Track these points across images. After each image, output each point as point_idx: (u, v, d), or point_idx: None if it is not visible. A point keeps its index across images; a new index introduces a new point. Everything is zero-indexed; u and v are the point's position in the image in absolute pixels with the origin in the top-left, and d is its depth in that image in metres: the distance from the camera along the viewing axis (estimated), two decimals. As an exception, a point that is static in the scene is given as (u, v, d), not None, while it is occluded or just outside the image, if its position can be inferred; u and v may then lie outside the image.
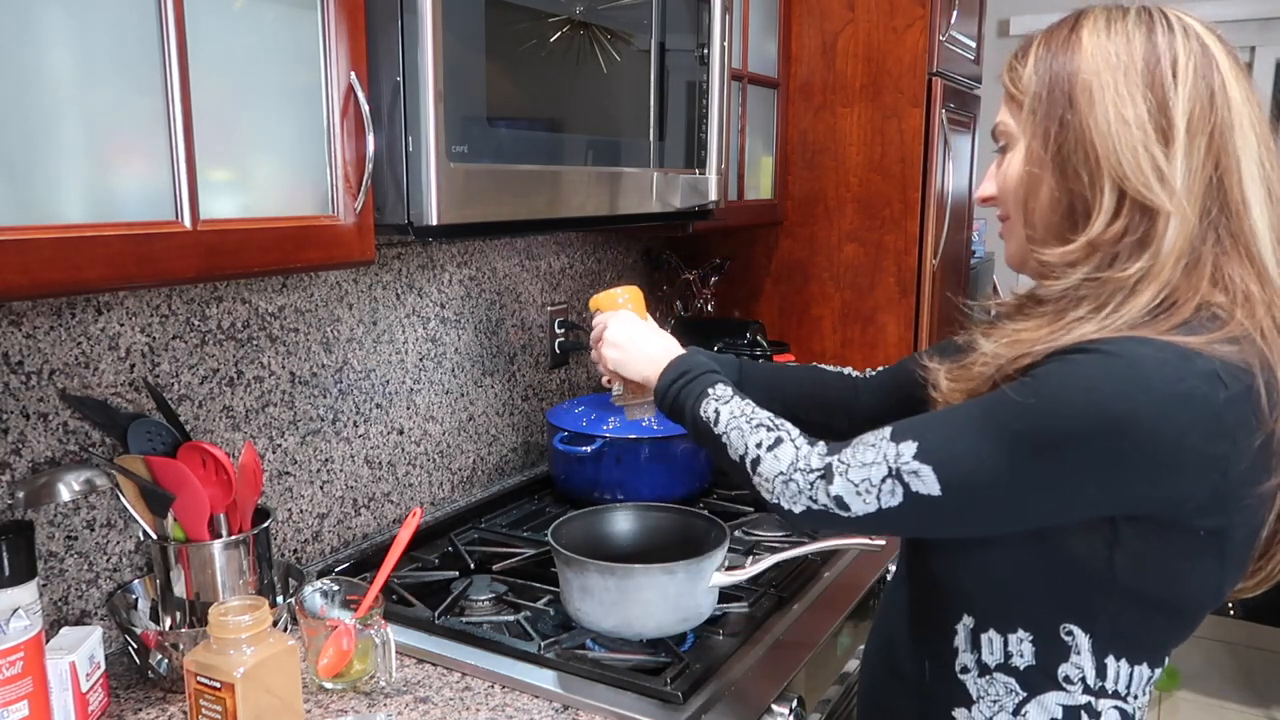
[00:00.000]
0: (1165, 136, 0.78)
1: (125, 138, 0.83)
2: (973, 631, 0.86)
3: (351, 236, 1.04)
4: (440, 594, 1.29)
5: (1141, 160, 0.77)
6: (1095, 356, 0.74)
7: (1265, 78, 3.22)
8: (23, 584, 0.91)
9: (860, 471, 0.82)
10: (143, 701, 1.06)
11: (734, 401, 0.97)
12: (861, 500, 0.82)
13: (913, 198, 2.05)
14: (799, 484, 0.86)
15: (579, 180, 1.27)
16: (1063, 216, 0.83)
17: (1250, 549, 0.81)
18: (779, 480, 0.88)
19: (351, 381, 1.47)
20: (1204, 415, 0.71)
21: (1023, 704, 0.85)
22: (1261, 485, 0.76)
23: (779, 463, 0.88)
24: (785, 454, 0.88)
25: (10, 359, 1.04)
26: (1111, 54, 0.80)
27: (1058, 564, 0.80)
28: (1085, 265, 0.80)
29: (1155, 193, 0.77)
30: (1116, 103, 0.79)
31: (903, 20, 2.00)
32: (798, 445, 0.89)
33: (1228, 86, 0.79)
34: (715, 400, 0.97)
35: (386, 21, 1.02)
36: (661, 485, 1.59)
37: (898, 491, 0.80)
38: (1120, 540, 0.77)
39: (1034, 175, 0.85)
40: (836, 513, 0.84)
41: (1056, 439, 0.74)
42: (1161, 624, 0.82)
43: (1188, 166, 0.77)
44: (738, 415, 0.94)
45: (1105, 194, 0.79)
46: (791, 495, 0.87)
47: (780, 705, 1.09)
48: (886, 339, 2.13)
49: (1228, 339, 0.74)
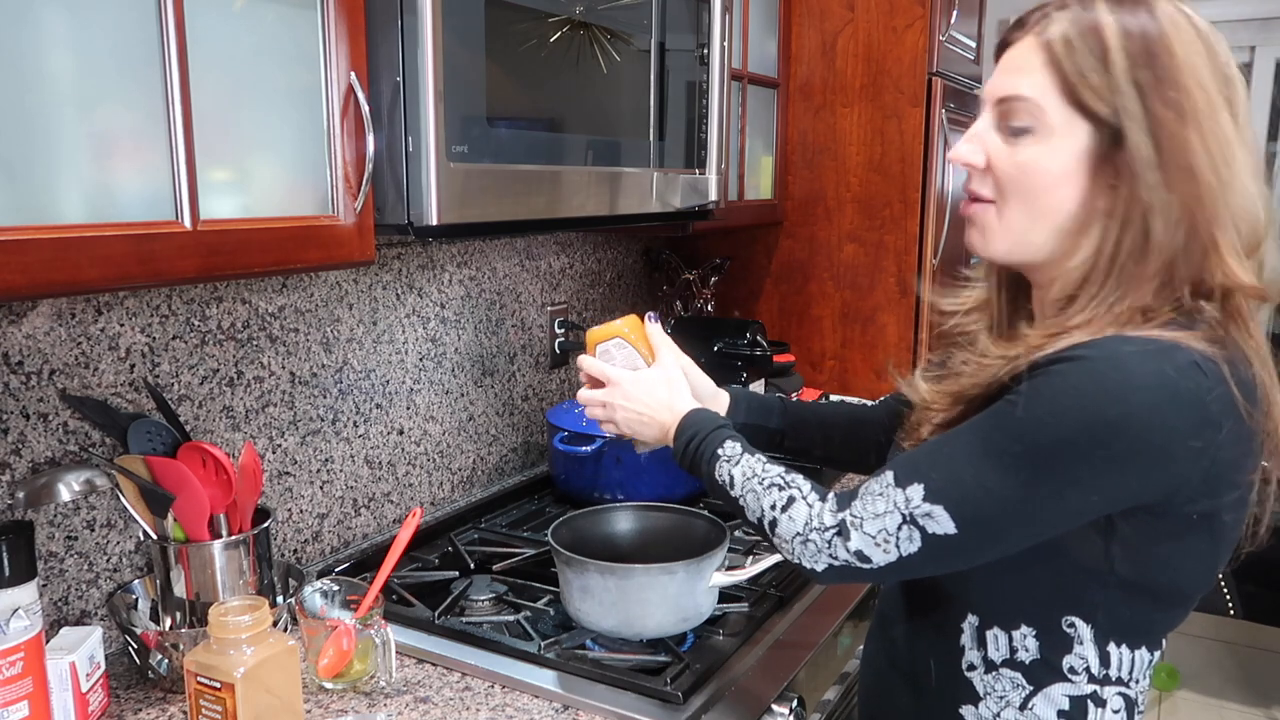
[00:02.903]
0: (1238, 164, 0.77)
1: (125, 138, 0.83)
2: (978, 629, 0.87)
3: (351, 236, 1.04)
4: (440, 594, 1.29)
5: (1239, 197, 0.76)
6: (1078, 364, 0.74)
7: (1265, 78, 3.22)
8: (23, 584, 0.91)
9: (875, 523, 0.82)
10: (143, 702, 1.06)
11: (744, 461, 0.95)
12: (881, 551, 0.81)
13: (913, 198, 2.05)
14: (817, 544, 0.85)
15: (579, 180, 1.27)
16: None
17: (1239, 529, 0.83)
18: (797, 541, 0.87)
19: (351, 381, 1.47)
20: (1190, 406, 0.73)
21: (1029, 697, 0.85)
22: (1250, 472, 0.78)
23: (794, 524, 0.87)
24: (799, 514, 0.87)
25: (10, 359, 1.04)
26: (1201, 54, 0.76)
27: (1055, 559, 0.81)
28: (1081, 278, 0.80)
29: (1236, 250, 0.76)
30: (1213, 127, 0.75)
31: (902, 20, 2.00)
32: (810, 503, 0.88)
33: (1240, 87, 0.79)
34: (727, 462, 0.96)
35: (386, 21, 1.02)
36: (661, 485, 1.58)
37: (915, 537, 0.80)
38: (1115, 532, 0.79)
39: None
40: (859, 566, 0.83)
41: (1056, 452, 0.74)
42: (1160, 608, 0.84)
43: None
44: (749, 477, 0.93)
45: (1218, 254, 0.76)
46: (812, 555, 0.86)
47: (780, 705, 1.09)
48: (886, 339, 2.13)
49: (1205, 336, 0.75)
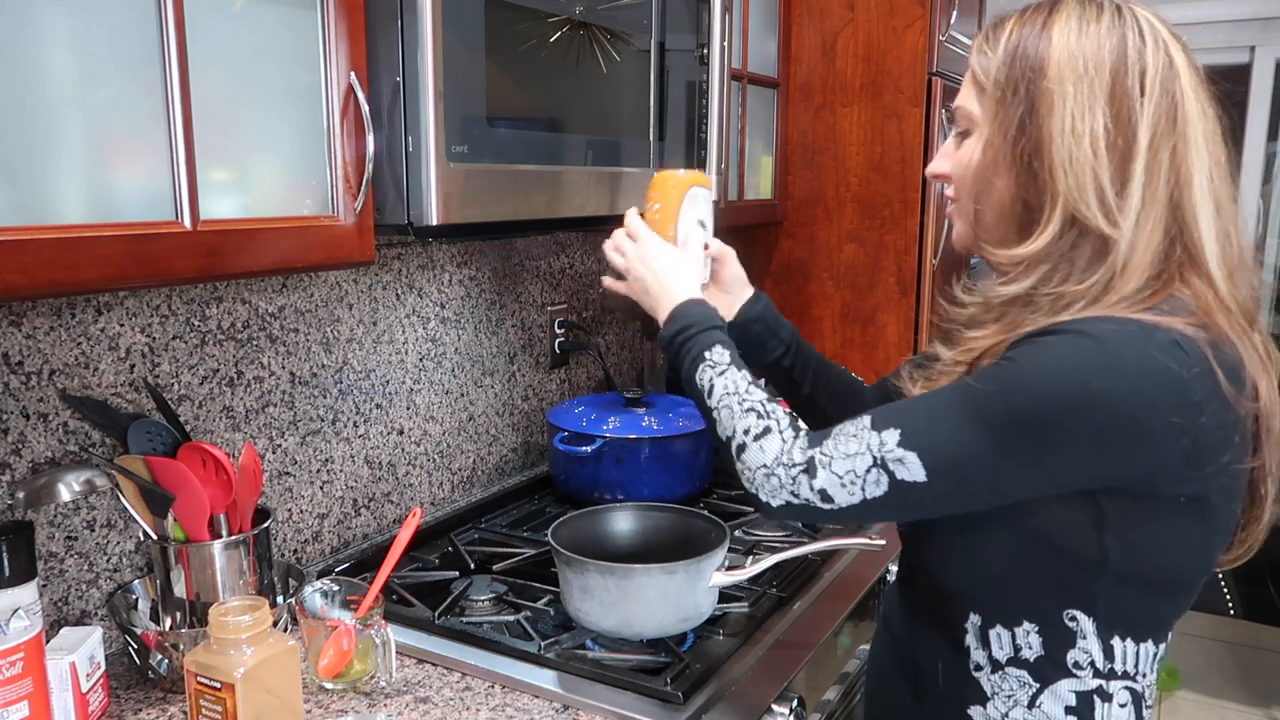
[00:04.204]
0: (1124, 154, 0.78)
1: (125, 138, 0.83)
2: (981, 629, 0.87)
3: (351, 237, 1.04)
4: (440, 594, 1.29)
5: (1087, 185, 0.79)
6: (1066, 337, 0.76)
7: (1265, 78, 3.22)
8: (23, 584, 0.91)
9: (844, 463, 0.82)
10: (143, 702, 1.06)
11: (729, 374, 0.95)
12: (846, 492, 0.82)
13: (912, 197, 2.05)
14: (780, 479, 0.86)
15: (579, 180, 1.27)
16: (1012, 220, 0.85)
17: (1233, 517, 0.83)
18: (761, 472, 0.88)
19: (351, 381, 1.47)
20: (1171, 384, 0.74)
21: (1036, 695, 0.85)
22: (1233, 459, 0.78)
23: (763, 455, 0.88)
24: (771, 446, 0.88)
25: (10, 359, 1.04)
26: (1079, 60, 0.79)
27: (1050, 552, 0.81)
28: (1035, 272, 0.82)
29: (1098, 220, 0.78)
30: (1075, 114, 0.79)
31: (902, 20, 2.00)
32: (784, 438, 0.88)
33: (1186, 100, 0.79)
34: (711, 368, 0.96)
35: (386, 21, 1.02)
36: (661, 485, 1.58)
37: (883, 481, 0.81)
38: (1106, 520, 0.79)
39: (988, 171, 0.85)
40: (819, 505, 0.84)
41: (1034, 417, 0.75)
42: (1160, 599, 0.84)
43: (1148, 184, 0.78)
44: (730, 392, 0.93)
45: (1055, 209, 0.80)
46: (772, 489, 0.87)
47: (780, 705, 1.09)
48: (886, 339, 2.13)
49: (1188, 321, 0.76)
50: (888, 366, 2.13)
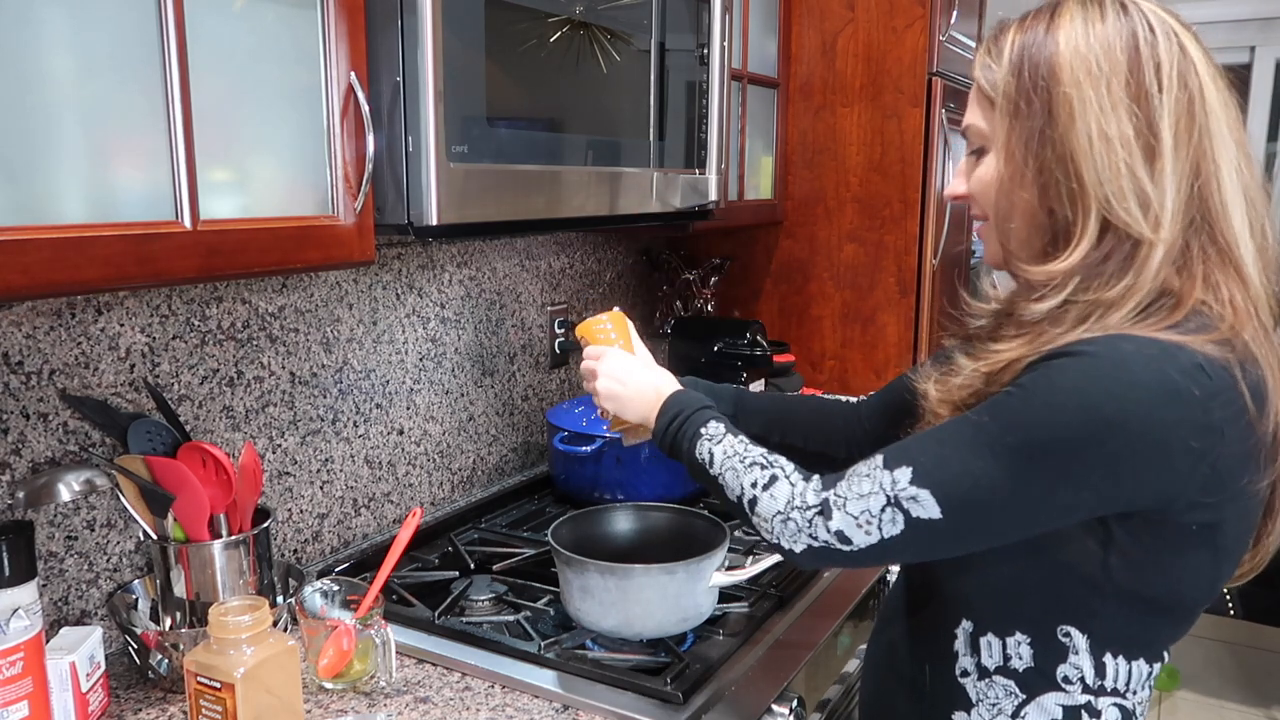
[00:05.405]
0: (1151, 153, 0.76)
1: (125, 138, 0.83)
2: (972, 635, 0.86)
3: (351, 236, 1.04)
4: (440, 594, 1.29)
5: (1126, 186, 0.75)
6: (1079, 359, 0.73)
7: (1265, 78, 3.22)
8: (23, 584, 0.91)
9: (858, 503, 0.80)
10: (143, 702, 1.06)
11: (727, 440, 0.94)
12: (863, 532, 0.80)
13: (913, 198, 2.05)
14: (797, 522, 0.84)
15: (579, 180, 1.27)
16: (1041, 234, 0.81)
17: (1244, 542, 0.81)
18: (777, 520, 0.86)
19: (351, 381, 1.47)
20: (1191, 410, 0.71)
21: (1021, 706, 0.84)
22: (1252, 481, 0.76)
23: (775, 502, 0.86)
24: (781, 492, 0.86)
25: (10, 359, 1.04)
26: (1092, 62, 0.76)
27: (1054, 568, 0.80)
28: (1069, 285, 0.78)
29: (1140, 223, 0.75)
30: (1100, 119, 0.76)
31: (902, 20, 2.00)
32: (793, 482, 0.87)
33: (1205, 91, 0.77)
34: (709, 440, 0.95)
35: (386, 21, 1.02)
36: (661, 485, 1.58)
37: (898, 520, 0.78)
38: (1114, 541, 0.77)
39: (1011, 187, 0.82)
40: (839, 548, 0.82)
41: (1049, 447, 0.73)
42: (1159, 621, 0.82)
43: (1175, 183, 0.75)
44: (731, 455, 0.92)
45: (1090, 219, 0.77)
46: (791, 534, 0.85)
47: (780, 705, 1.09)
48: (886, 339, 2.13)
49: (1212, 339, 0.74)
50: (888, 366, 2.13)
